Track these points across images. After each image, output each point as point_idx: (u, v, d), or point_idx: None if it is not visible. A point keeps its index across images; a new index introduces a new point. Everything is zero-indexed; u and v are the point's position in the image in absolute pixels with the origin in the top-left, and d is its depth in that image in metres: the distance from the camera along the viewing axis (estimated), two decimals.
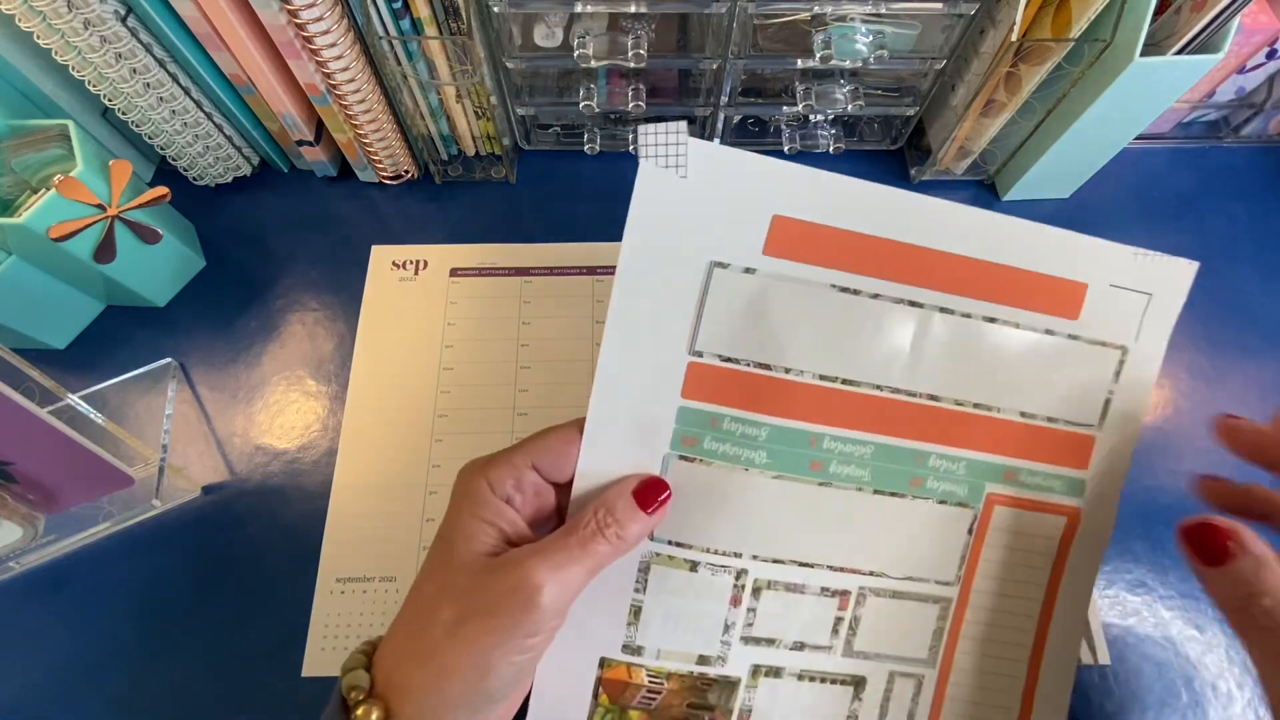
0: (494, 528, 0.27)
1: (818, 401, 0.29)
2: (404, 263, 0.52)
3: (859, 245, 0.29)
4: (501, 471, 0.28)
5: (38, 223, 0.40)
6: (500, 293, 0.51)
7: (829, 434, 0.30)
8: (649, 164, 0.29)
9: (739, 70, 0.49)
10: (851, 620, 0.31)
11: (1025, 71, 0.45)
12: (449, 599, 0.25)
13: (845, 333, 0.29)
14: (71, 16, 0.39)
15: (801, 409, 0.29)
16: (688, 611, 0.30)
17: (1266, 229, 0.54)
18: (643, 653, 0.30)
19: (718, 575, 0.30)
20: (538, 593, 0.24)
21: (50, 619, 0.41)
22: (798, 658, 0.31)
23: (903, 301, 0.29)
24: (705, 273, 0.29)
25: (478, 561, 0.26)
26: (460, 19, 0.42)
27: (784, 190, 0.30)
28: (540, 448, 0.29)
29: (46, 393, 0.38)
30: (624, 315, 0.29)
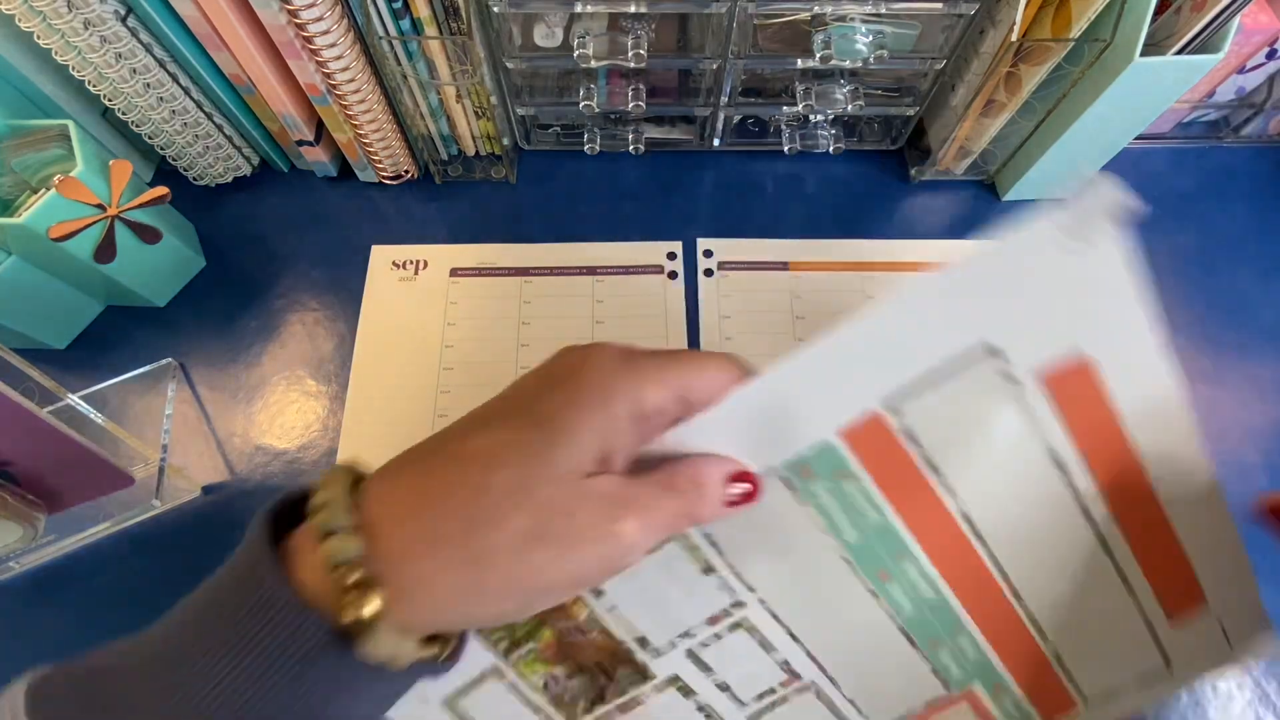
0: (604, 449, 0.22)
1: (938, 529, 0.27)
2: (404, 263, 0.52)
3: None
4: (653, 392, 0.23)
5: (38, 223, 0.40)
6: (500, 293, 0.51)
7: (918, 560, 0.28)
8: (1050, 232, 0.22)
9: (739, 70, 0.49)
10: (780, 699, 0.30)
11: (1025, 71, 0.45)
12: (526, 506, 0.21)
13: (1010, 486, 0.26)
14: (71, 16, 0.39)
15: (921, 525, 0.27)
16: (667, 599, 0.28)
17: (1266, 229, 0.54)
18: (600, 598, 0.28)
19: (719, 592, 0.28)
20: (625, 540, 0.22)
21: (50, 619, 0.41)
22: (714, 694, 0.30)
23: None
24: (968, 348, 0.24)
25: (573, 477, 0.21)
26: (460, 19, 0.42)
27: (1104, 329, 0.24)
28: (696, 377, 0.24)
29: (46, 393, 0.38)
30: (878, 325, 0.24)
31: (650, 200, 0.55)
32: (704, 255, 0.52)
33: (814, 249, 0.53)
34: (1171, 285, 0.52)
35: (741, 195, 0.56)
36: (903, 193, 0.55)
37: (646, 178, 0.56)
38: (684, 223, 0.54)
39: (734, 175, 0.56)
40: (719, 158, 0.57)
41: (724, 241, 0.53)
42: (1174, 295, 0.52)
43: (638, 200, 0.55)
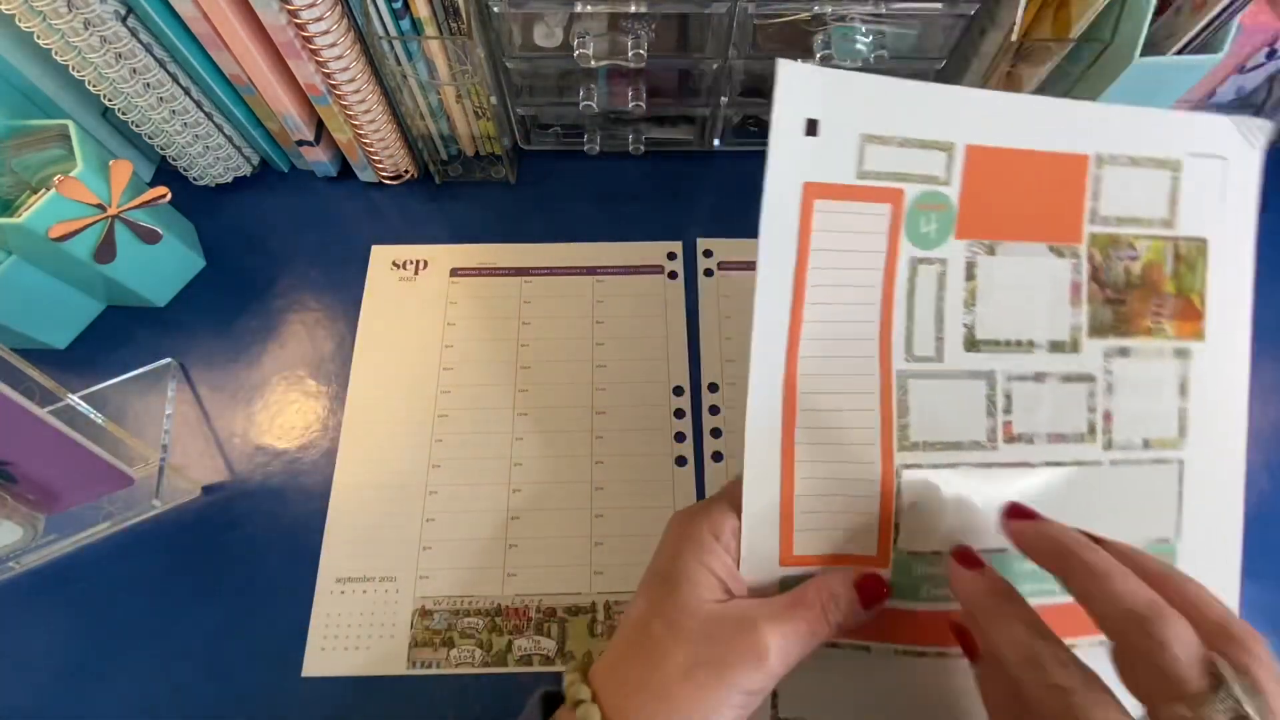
0: (715, 575, 0.28)
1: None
2: (404, 263, 0.52)
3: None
4: (721, 520, 0.28)
5: (38, 223, 0.40)
6: (500, 293, 0.51)
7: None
8: None
9: (739, 70, 0.49)
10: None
11: (1025, 71, 0.45)
12: (682, 642, 0.26)
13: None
14: (71, 16, 0.39)
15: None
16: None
17: (1267, 229, 0.54)
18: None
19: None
20: (769, 654, 0.26)
21: (50, 619, 0.41)
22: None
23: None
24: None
25: (705, 608, 0.27)
26: (460, 19, 0.42)
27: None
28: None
29: (46, 393, 0.38)
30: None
31: (650, 200, 0.55)
32: (704, 255, 0.52)
33: None
34: None
35: (741, 195, 0.56)
36: None
37: (646, 178, 0.56)
38: (684, 223, 0.54)
39: (734, 175, 0.56)
40: (719, 158, 0.57)
41: (724, 241, 0.53)
42: None
43: (638, 200, 0.55)
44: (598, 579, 0.43)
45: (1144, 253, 0.34)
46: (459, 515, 0.44)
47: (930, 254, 0.32)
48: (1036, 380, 0.33)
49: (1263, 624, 0.43)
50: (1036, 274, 0.33)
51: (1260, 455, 0.47)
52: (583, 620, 0.41)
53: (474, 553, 0.43)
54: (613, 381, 0.48)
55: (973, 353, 0.32)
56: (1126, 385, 0.33)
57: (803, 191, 0.30)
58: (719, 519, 0.28)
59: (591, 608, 0.42)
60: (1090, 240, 0.33)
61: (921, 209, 0.32)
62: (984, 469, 0.31)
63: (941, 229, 0.32)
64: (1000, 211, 0.33)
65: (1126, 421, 0.32)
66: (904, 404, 0.30)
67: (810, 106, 0.31)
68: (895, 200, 0.31)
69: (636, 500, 0.45)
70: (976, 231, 0.32)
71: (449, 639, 0.41)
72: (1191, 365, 0.34)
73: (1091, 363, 0.33)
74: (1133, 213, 0.33)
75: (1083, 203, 0.33)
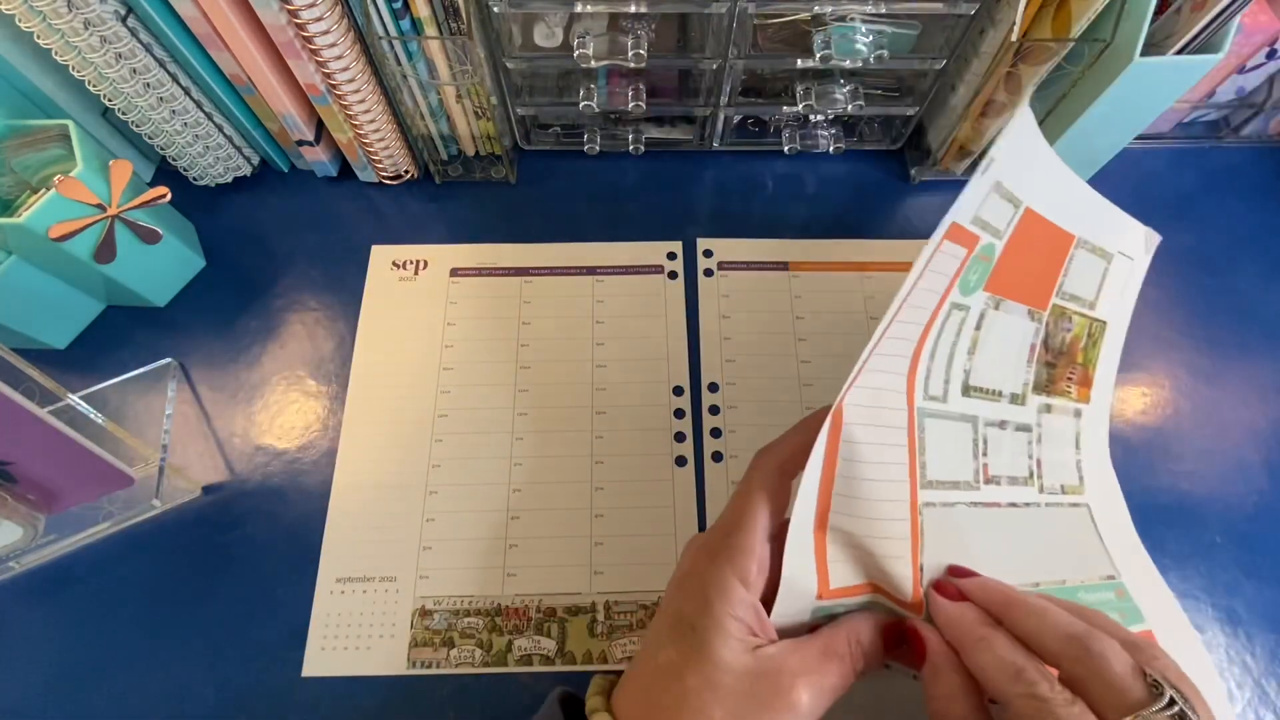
0: (744, 623, 0.28)
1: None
2: (404, 263, 0.52)
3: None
4: (746, 562, 0.28)
5: (38, 223, 0.40)
6: (500, 293, 0.51)
7: None
8: None
9: (739, 70, 0.49)
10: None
11: (1025, 71, 0.45)
12: (718, 700, 0.26)
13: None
14: (72, 16, 0.39)
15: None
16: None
17: (1266, 229, 0.54)
18: None
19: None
20: (804, 711, 0.26)
21: (50, 619, 0.41)
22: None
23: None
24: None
25: (740, 661, 0.27)
26: (460, 19, 0.42)
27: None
28: (761, 519, 0.29)
29: (46, 393, 0.38)
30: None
31: (650, 200, 0.55)
32: (704, 255, 0.52)
33: (814, 249, 0.53)
34: (1171, 285, 0.52)
35: (741, 195, 0.56)
36: (903, 193, 0.55)
37: (646, 178, 0.56)
38: (684, 223, 0.54)
39: (734, 175, 0.56)
40: (719, 158, 0.57)
41: (724, 241, 0.53)
42: (1174, 295, 0.52)
43: (638, 200, 0.55)
44: (598, 579, 0.43)
45: (1075, 327, 0.39)
46: (459, 515, 0.44)
47: (964, 301, 0.35)
48: (1000, 427, 0.36)
49: (1263, 623, 0.43)
50: (1016, 332, 0.37)
51: (1260, 455, 0.47)
52: (583, 620, 0.41)
53: (474, 553, 0.43)
54: (613, 381, 0.48)
55: (965, 397, 0.34)
56: (1049, 436, 0.38)
57: (948, 230, 0.30)
58: (743, 561, 0.28)
59: (591, 608, 0.42)
60: (1051, 310, 0.38)
61: (979, 259, 0.34)
62: (974, 508, 0.32)
63: (979, 279, 0.35)
64: (1015, 273, 0.36)
65: (1050, 469, 0.36)
66: (922, 441, 0.31)
67: (1008, 173, 0.33)
68: (971, 246, 0.33)
69: (636, 500, 0.45)
70: (997, 287, 0.36)
71: (449, 639, 0.41)
72: (1082, 423, 0.39)
73: (1030, 415, 0.37)
74: (1079, 292, 0.39)
75: (1058, 277, 0.38)
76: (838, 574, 0.29)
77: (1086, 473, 0.38)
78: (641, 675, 0.28)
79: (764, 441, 0.31)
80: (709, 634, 0.27)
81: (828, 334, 0.49)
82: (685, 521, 0.44)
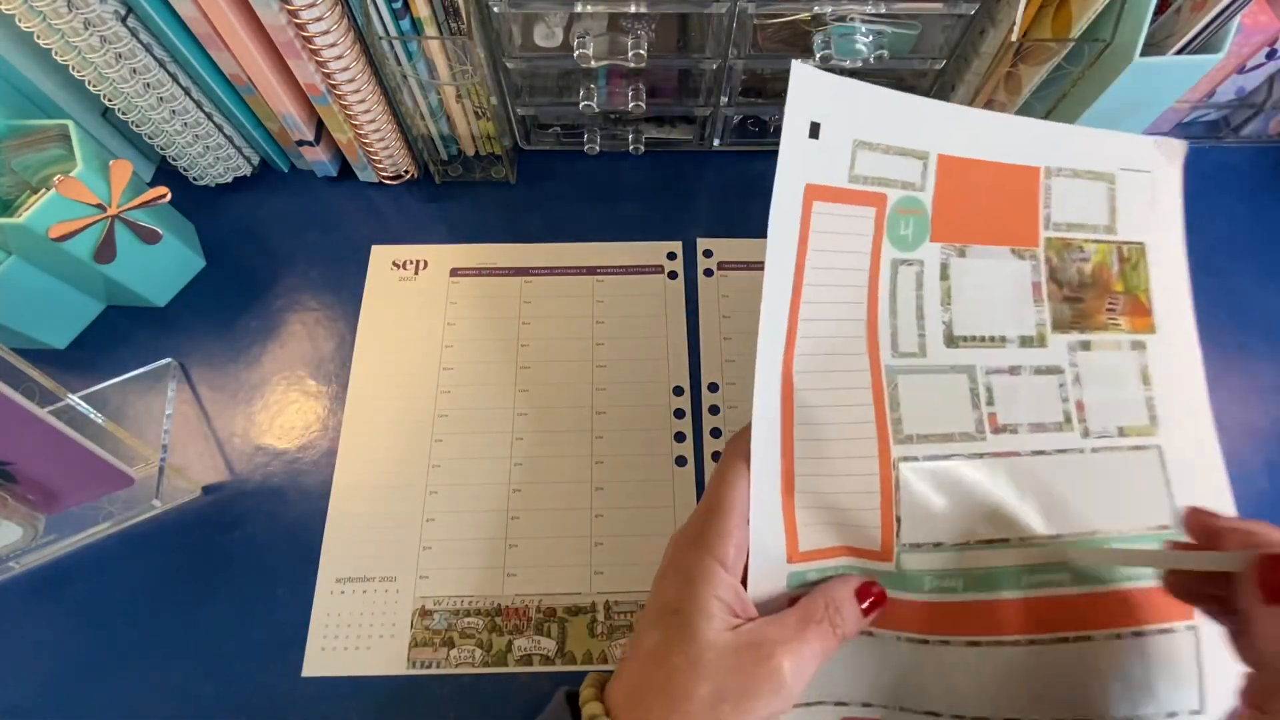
0: (725, 603, 0.28)
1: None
2: (404, 263, 0.52)
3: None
4: (726, 546, 0.29)
5: (38, 223, 0.40)
6: (500, 293, 0.51)
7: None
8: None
9: (739, 70, 0.49)
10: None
11: (1025, 71, 0.45)
12: (703, 677, 0.27)
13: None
14: (72, 16, 0.39)
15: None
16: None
17: (1266, 229, 0.54)
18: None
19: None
20: (786, 680, 0.27)
21: (50, 619, 0.41)
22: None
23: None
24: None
25: (722, 639, 0.28)
26: (460, 19, 0.42)
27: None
28: (739, 499, 0.30)
29: (46, 393, 0.38)
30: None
31: (650, 200, 0.55)
32: (704, 255, 0.52)
33: None
34: None
35: (741, 195, 0.56)
36: None
37: (646, 178, 0.56)
38: (684, 223, 0.54)
39: (734, 175, 0.56)
40: (719, 158, 0.57)
41: (724, 241, 0.53)
42: None
43: (638, 200, 0.55)
44: (598, 579, 0.43)
45: (1093, 255, 0.38)
46: (459, 515, 0.44)
47: (909, 255, 0.34)
48: (1011, 373, 0.35)
49: None
50: (1001, 275, 0.36)
51: (1260, 455, 0.47)
52: (583, 620, 0.41)
53: (474, 553, 0.43)
54: (613, 381, 0.48)
55: (952, 348, 0.34)
56: (1092, 376, 0.36)
57: (804, 192, 0.31)
58: (722, 545, 0.29)
59: (591, 608, 0.42)
60: (1046, 244, 0.37)
61: (901, 213, 0.34)
62: (976, 459, 0.32)
63: (918, 233, 0.35)
64: (968, 217, 0.36)
65: (1098, 410, 0.34)
66: (895, 398, 0.31)
67: (815, 109, 0.32)
68: (879, 204, 0.34)
69: (636, 500, 0.45)
70: (949, 235, 0.35)
71: (449, 639, 0.41)
72: (1149, 356, 0.37)
73: (1058, 356, 0.36)
74: (1080, 219, 0.37)
75: (1038, 210, 0.37)
76: (807, 537, 0.30)
77: (1163, 411, 0.35)
78: (630, 663, 0.29)
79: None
80: (692, 615, 0.28)
81: None
82: (685, 521, 0.44)
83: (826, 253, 0.31)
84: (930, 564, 0.31)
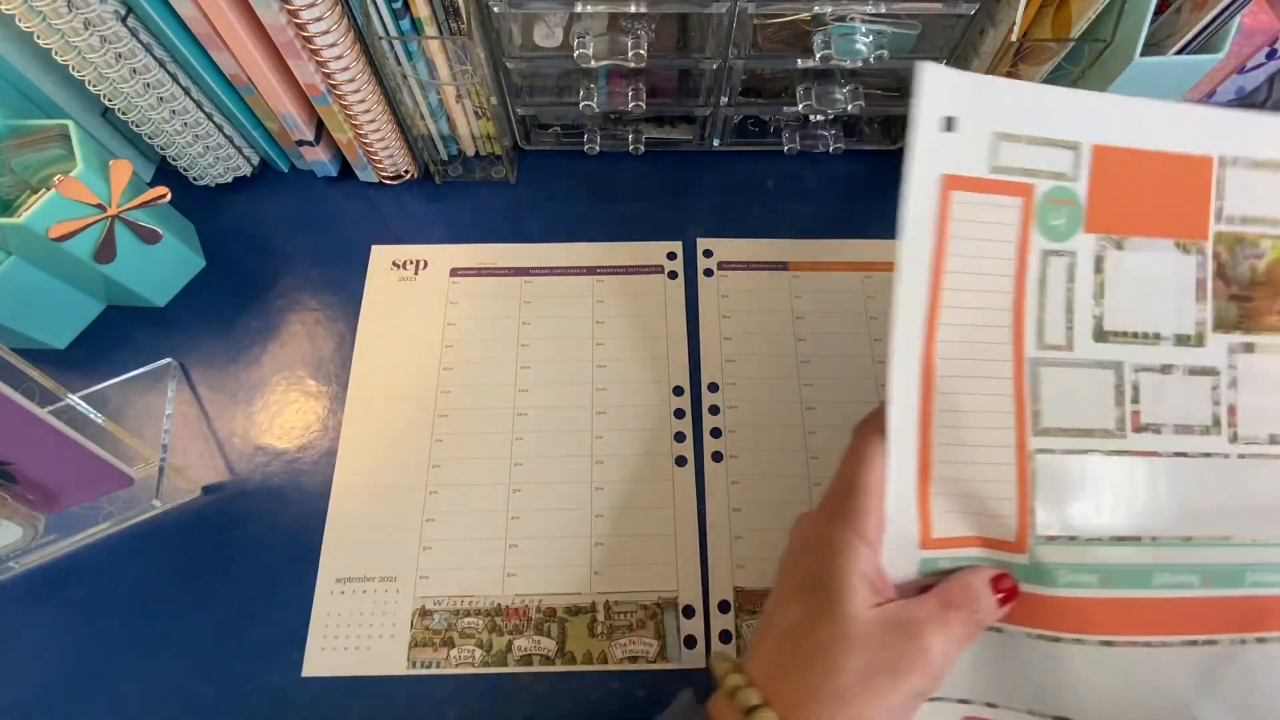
0: (869, 579, 0.28)
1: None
2: (404, 263, 0.52)
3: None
4: (867, 521, 0.29)
5: (38, 223, 0.40)
6: (501, 293, 0.51)
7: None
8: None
9: (739, 70, 0.49)
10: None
11: (1025, 71, 0.45)
12: (852, 650, 0.27)
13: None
14: (71, 16, 0.39)
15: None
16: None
17: None
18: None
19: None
20: (936, 657, 0.27)
21: (50, 619, 0.41)
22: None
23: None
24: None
25: (869, 614, 0.28)
26: (460, 19, 0.42)
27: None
28: (871, 478, 0.29)
29: (46, 393, 0.38)
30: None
31: (650, 200, 0.55)
32: (704, 255, 0.52)
33: (814, 249, 0.53)
34: None
35: (741, 195, 0.56)
36: None
37: (646, 178, 0.56)
38: (684, 223, 0.54)
39: (734, 175, 0.56)
40: (719, 158, 0.57)
41: (724, 241, 0.53)
42: None
43: (638, 200, 0.55)
44: (598, 579, 0.43)
45: (1269, 251, 0.35)
46: (459, 515, 0.44)
47: (1060, 246, 0.33)
48: (1163, 372, 0.34)
49: None
50: (1163, 269, 0.34)
51: None
52: (583, 620, 0.41)
53: (474, 553, 0.43)
54: (613, 382, 0.48)
55: (1101, 343, 0.33)
56: (1251, 380, 0.34)
57: (941, 183, 0.30)
58: (863, 520, 0.29)
59: (591, 607, 0.42)
60: (1216, 238, 0.35)
61: (1051, 203, 0.33)
62: (1115, 456, 0.32)
63: (1071, 223, 0.34)
64: (1128, 207, 0.34)
65: (1252, 416, 0.33)
66: (1036, 391, 0.31)
67: (948, 105, 0.31)
68: (1026, 194, 0.32)
69: (636, 500, 0.45)
70: (1105, 226, 0.34)
71: (449, 639, 0.41)
72: None
73: (1216, 357, 0.34)
74: (1258, 213, 0.35)
75: (1208, 201, 0.34)
76: (941, 524, 0.30)
77: None
78: (766, 640, 0.29)
79: (764, 441, 0.31)
80: (837, 589, 0.28)
81: (828, 334, 0.49)
82: (685, 521, 0.44)
83: (968, 240, 0.31)
84: (1065, 557, 0.30)
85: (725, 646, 0.41)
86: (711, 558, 0.43)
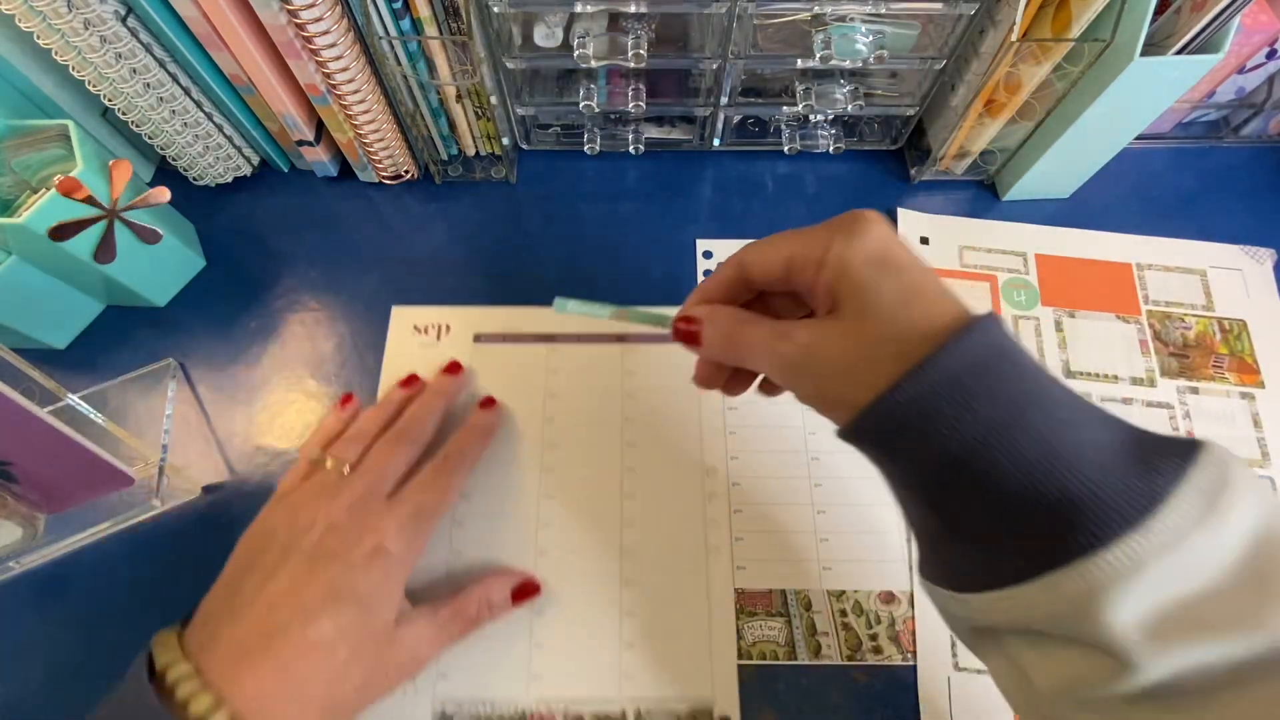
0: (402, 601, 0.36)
1: None
2: (425, 327, 0.49)
3: None
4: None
5: (38, 223, 0.40)
6: (525, 361, 0.48)
7: None
8: None
9: (739, 70, 0.49)
10: None
11: (1025, 71, 0.45)
12: (361, 666, 0.33)
13: None
14: (71, 16, 0.39)
15: None
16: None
17: (1266, 229, 0.54)
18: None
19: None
20: (423, 664, 0.36)
21: (50, 619, 0.41)
22: None
23: None
24: None
25: (386, 631, 0.34)
26: (460, 19, 0.42)
27: None
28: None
29: (46, 393, 0.38)
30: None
31: (650, 200, 0.55)
32: (703, 256, 0.52)
33: None
34: None
35: (741, 195, 0.56)
36: (903, 193, 0.55)
37: (646, 178, 0.56)
38: (684, 223, 0.54)
39: (734, 175, 0.56)
40: (719, 158, 0.57)
41: (724, 242, 0.53)
42: None
43: (638, 200, 0.55)
44: (627, 683, 0.40)
45: (1195, 325, 0.46)
46: None
47: (1026, 313, 0.47)
48: (1125, 403, 0.44)
49: None
50: (1110, 332, 0.46)
51: None
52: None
53: (495, 650, 0.40)
54: (642, 463, 0.45)
55: (1071, 380, 0.42)
56: (1202, 414, 0.44)
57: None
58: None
59: (621, 715, 0.39)
60: (1147, 315, 0.47)
61: (1012, 287, 0.48)
62: None
63: (1030, 299, 0.47)
64: (1073, 292, 0.47)
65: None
66: None
67: (921, 231, 0.49)
68: (992, 281, 0.48)
69: (668, 593, 0.42)
70: (1057, 302, 0.47)
71: None
72: (1259, 406, 0.44)
73: (1167, 395, 0.44)
74: (1177, 299, 0.47)
75: (1135, 291, 0.48)
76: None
77: (1275, 450, 0.43)
78: (264, 633, 0.33)
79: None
80: (373, 604, 0.35)
81: None
82: (721, 616, 0.41)
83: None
84: None
85: None
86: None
